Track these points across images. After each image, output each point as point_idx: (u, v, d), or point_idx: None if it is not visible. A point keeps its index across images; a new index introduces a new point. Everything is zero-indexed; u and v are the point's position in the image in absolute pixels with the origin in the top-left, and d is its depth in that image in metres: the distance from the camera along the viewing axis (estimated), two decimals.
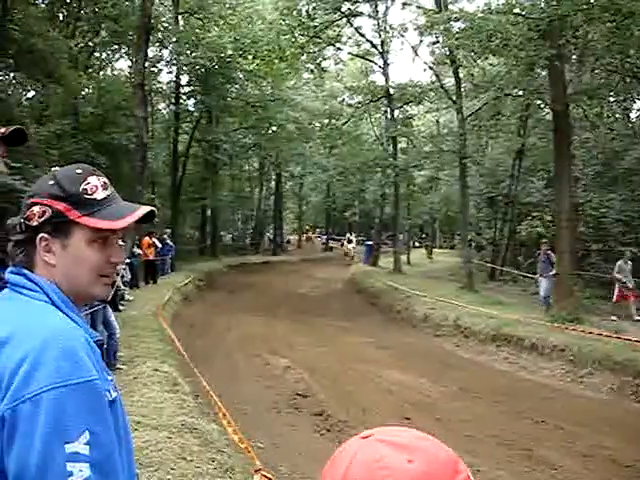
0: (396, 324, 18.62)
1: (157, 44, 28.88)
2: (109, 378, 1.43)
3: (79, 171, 1.54)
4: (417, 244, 49.67)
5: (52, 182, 1.49)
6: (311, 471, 7.08)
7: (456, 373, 12.51)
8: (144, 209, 1.57)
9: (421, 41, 28.88)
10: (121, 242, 1.72)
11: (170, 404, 6.99)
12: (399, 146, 31.35)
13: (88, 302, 1.68)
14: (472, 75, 24.21)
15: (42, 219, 1.45)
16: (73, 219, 1.47)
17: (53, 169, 1.56)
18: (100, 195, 1.52)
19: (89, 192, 1.50)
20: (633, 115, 26.61)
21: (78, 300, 1.52)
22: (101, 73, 30.72)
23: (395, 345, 15.22)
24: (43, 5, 23.81)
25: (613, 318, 15.41)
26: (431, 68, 27.99)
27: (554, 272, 16.21)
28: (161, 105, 36.92)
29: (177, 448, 5.53)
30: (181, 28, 27.88)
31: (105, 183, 1.55)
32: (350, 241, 44.74)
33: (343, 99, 38.32)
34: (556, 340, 12.65)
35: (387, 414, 9.67)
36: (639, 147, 20.85)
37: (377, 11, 30.05)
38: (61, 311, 1.40)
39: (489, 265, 26.46)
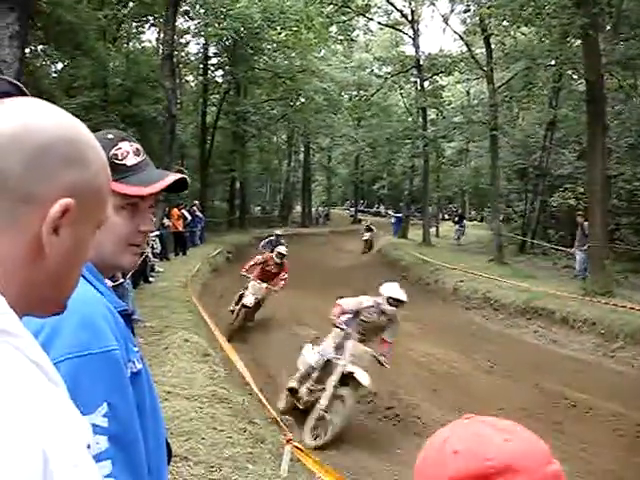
0: (425, 296, 18.54)
1: (185, 15, 28.73)
2: (135, 349, 1.42)
3: (110, 136, 1.52)
4: (446, 216, 49.32)
5: None
6: (340, 442, 7.11)
7: (486, 346, 12.47)
8: (175, 176, 1.55)
9: (452, 10, 28.48)
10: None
11: (201, 374, 7.02)
12: (429, 117, 31.08)
13: (115, 272, 1.65)
14: (504, 44, 23.78)
15: None
16: None
17: None
18: (131, 161, 1.50)
19: (119, 157, 1.48)
20: None
21: (105, 269, 1.49)
22: (129, 44, 30.70)
23: (424, 318, 15.15)
24: None
25: None
26: (462, 38, 27.55)
27: (586, 245, 16.04)
28: (189, 77, 36.88)
29: (208, 418, 5.56)
30: None
31: (137, 149, 1.53)
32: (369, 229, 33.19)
33: (372, 70, 38.02)
34: (587, 313, 12.50)
35: (417, 387, 9.68)
36: None
37: None
38: (85, 279, 1.36)
39: (519, 238, 26.19)
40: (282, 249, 14.16)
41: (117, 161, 1.47)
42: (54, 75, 25.02)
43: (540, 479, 0.96)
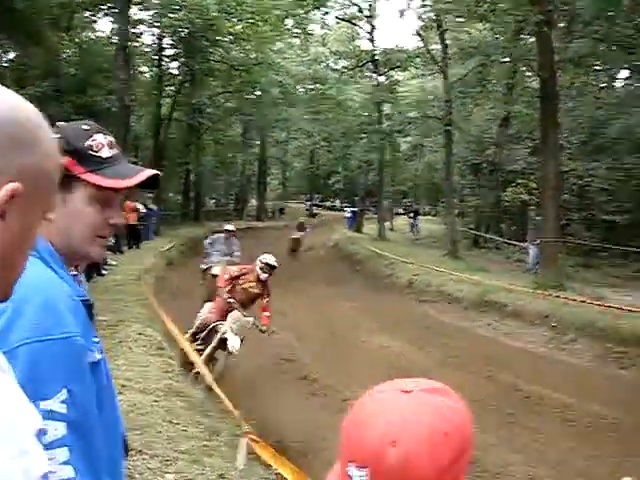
0: (380, 290, 18.65)
1: (139, 5, 28.28)
2: (95, 340, 1.40)
3: (86, 127, 1.51)
4: (401, 211, 49.64)
5: (57, 136, 1.43)
6: (297, 434, 7.11)
7: (440, 339, 12.57)
8: (150, 171, 1.56)
9: (409, 6, 28.62)
10: None
11: (155, 367, 6.96)
12: (384, 112, 31.21)
13: (82, 262, 1.63)
14: (459, 40, 24.01)
15: None
16: (76, 174, 1.43)
17: (58, 124, 1.51)
18: (106, 153, 1.49)
19: (95, 149, 1.47)
20: (618, 84, 26.58)
21: (71, 259, 1.48)
22: (82, 34, 30.16)
23: (380, 311, 15.24)
24: None
25: None
26: (418, 34, 27.70)
27: (538, 240, 16.34)
28: (144, 68, 36.34)
29: (163, 411, 5.52)
30: None
31: (111, 142, 1.52)
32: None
33: (328, 64, 38.00)
34: (539, 307, 12.74)
35: (372, 379, 9.60)
36: (624, 116, 20.85)
37: None
38: (49, 266, 1.35)
39: (473, 232, 26.52)
40: (270, 259, 9.39)
41: (92, 152, 1.46)
42: (5, 64, 24.51)
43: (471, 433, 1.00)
